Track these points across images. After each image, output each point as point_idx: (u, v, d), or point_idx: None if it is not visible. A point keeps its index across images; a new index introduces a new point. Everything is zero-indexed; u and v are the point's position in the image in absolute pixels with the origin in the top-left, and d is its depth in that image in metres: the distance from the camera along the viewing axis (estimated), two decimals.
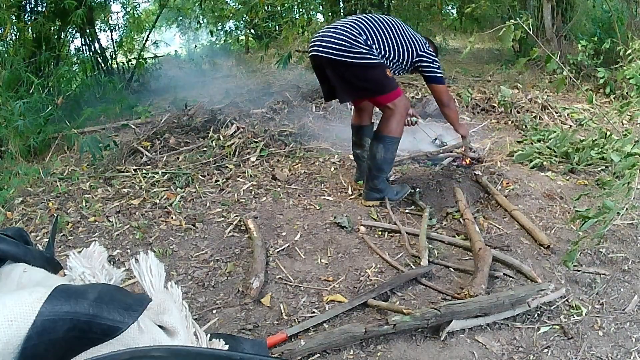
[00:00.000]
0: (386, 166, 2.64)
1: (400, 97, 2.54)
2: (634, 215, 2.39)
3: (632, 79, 3.10)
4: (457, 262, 2.19)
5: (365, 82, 2.50)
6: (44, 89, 4.11)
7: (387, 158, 2.61)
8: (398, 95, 2.53)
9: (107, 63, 6.25)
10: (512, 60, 6.26)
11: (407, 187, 2.77)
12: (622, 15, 5.31)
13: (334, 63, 2.45)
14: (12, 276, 1.00)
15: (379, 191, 2.67)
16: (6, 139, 3.52)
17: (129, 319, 0.85)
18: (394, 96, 2.52)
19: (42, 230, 2.62)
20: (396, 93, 2.53)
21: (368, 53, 2.42)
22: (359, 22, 2.49)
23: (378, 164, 2.61)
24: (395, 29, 2.56)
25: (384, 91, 2.52)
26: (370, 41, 2.45)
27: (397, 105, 2.53)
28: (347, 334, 1.63)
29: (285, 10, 6.25)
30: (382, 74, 2.49)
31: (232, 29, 9.23)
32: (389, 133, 2.58)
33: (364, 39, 2.42)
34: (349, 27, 2.46)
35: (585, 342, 1.67)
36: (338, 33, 2.44)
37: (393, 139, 2.59)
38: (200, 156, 3.45)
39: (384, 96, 2.53)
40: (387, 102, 2.53)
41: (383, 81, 2.50)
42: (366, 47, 2.42)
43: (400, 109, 2.55)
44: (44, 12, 4.75)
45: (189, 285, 2.06)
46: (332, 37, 2.43)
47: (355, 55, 2.40)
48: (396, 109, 2.54)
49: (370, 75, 2.47)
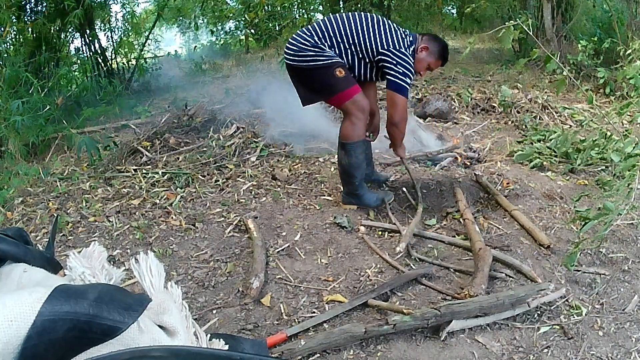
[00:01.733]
0: (355, 171, 2.54)
1: (352, 98, 2.39)
2: (634, 215, 2.38)
3: (632, 79, 3.10)
4: (457, 262, 2.19)
5: (314, 84, 2.44)
6: (44, 89, 4.11)
7: (352, 163, 2.51)
8: (349, 96, 2.39)
9: (107, 63, 6.25)
10: (512, 61, 6.26)
11: (391, 195, 2.70)
12: (622, 15, 5.31)
13: (289, 68, 2.47)
14: (12, 276, 1.00)
15: (355, 196, 2.62)
16: (6, 139, 3.52)
17: (129, 319, 0.85)
18: (344, 97, 2.40)
19: (42, 230, 2.62)
20: (347, 94, 2.39)
21: (315, 55, 2.35)
22: (316, 24, 2.45)
23: (345, 170, 2.57)
24: (355, 24, 2.39)
25: (332, 92, 2.42)
26: (321, 41, 2.37)
27: (350, 108, 2.42)
28: (347, 334, 1.63)
29: (285, 9, 6.25)
30: (330, 75, 2.35)
31: (232, 29, 9.23)
32: (344, 138, 2.50)
33: (313, 41, 2.36)
34: (304, 31, 2.43)
35: (585, 342, 1.67)
36: (293, 38, 2.43)
37: (349, 144, 2.48)
38: (200, 156, 3.44)
39: (334, 98, 2.45)
40: (340, 104, 2.46)
41: (330, 82, 2.37)
42: (314, 49, 2.35)
43: (353, 111, 2.42)
44: (44, 12, 4.75)
45: (189, 285, 2.06)
46: (290, 43, 2.43)
47: (302, 58, 2.37)
48: (349, 111, 2.44)
49: (317, 76, 2.40)
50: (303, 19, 6.34)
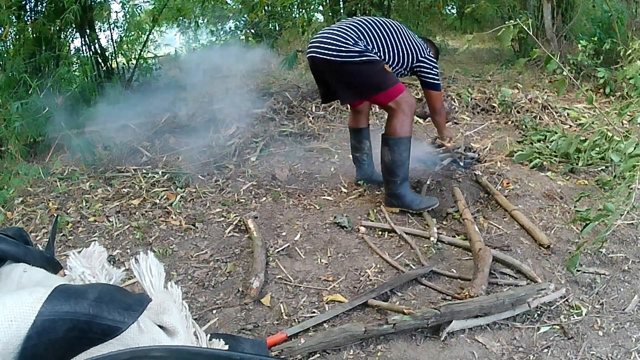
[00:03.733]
0: (398, 169, 2.51)
1: (401, 94, 2.43)
2: (634, 215, 2.39)
3: (632, 79, 3.10)
4: (457, 262, 2.19)
5: (362, 79, 2.42)
6: (44, 89, 4.10)
7: (397, 161, 2.50)
8: (399, 92, 2.42)
9: (107, 63, 6.24)
10: (512, 60, 6.25)
11: (435, 200, 2.60)
12: (622, 15, 5.31)
13: (330, 64, 2.39)
14: (12, 276, 1.00)
15: (397, 197, 2.56)
16: (6, 139, 3.52)
17: (129, 319, 0.85)
18: (394, 93, 2.42)
19: (42, 230, 2.62)
20: (396, 90, 2.42)
21: (365, 51, 2.35)
22: (359, 26, 2.43)
23: (388, 168, 2.54)
24: (396, 34, 2.49)
25: (382, 87, 2.42)
26: (370, 47, 2.40)
27: (399, 103, 2.43)
28: (347, 333, 1.63)
29: (285, 9, 6.25)
30: (379, 69, 2.38)
31: (232, 29, 9.22)
32: (393, 134, 2.48)
33: (363, 44, 2.37)
34: (348, 29, 2.40)
35: (585, 342, 1.67)
36: (335, 34, 2.39)
37: (398, 140, 2.47)
38: (200, 156, 3.45)
39: (383, 94, 2.43)
40: (388, 101, 2.44)
41: (380, 77, 2.39)
42: (362, 47, 2.36)
43: (402, 106, 2.43)
44: (44, 12, 4.74)
45: (189, 285, 2.06)
46: (329, 39, 2.39)
47: (349, 54, 2.34)
48: (398, 108, 2.44)
49: (365, 71, 2.38)
50: (303, 19, 6.34)
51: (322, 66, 2.45)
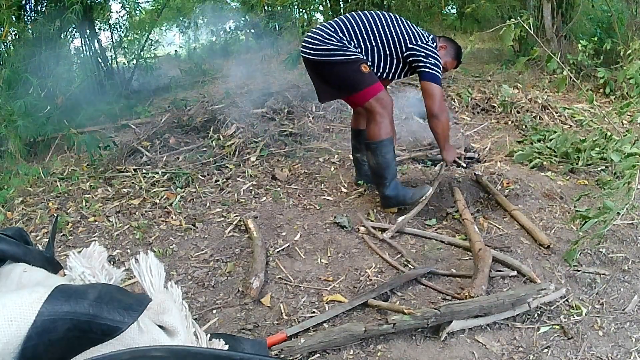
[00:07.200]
0: (385, 172, 2.48)
1: (376, 95, 2.36)
2: (634, 215, 2.39)
3: (632, 79, 3.10)
4: (457, 262, 2.19)
5: (337, 79, 2.39)
6: (44, 89, 4.11)
7: (382, 163, 2.46)
8: (374, 93, 2.35)
9: (107, 63, 6.24)
10: (512, 60, 6.25)
11: (427, 188, 2.56)
12: (622, 15, 5.31)
13: (310, 62, 2.42)
14: (12, 276, 1.00)
15: (390, 198, 2.54)
16: (6, 139, 3.52)
17: (129, 319, 0.85)
18: (368, 94, 2.35)
19: (42, 230, 2.62)
20: (371, 90, 2.34)
21: (340, 49, 2.32)
22: (339, 20, 2.43)
23: (375, 172, 2.53)
24: (380, 22, 2.41)
25: (356, 88, 2.36)
26: (346, 38, 2.36)
27: (374, 105, 2.37)
28: (347, 333, 1.63)
29: (285, 10, 6.24)
30: (355, 69, 2.32)
31: (232, 29, 9.21)
32: (372, 138, 2.44)
33: (338, 37, 2.35)
34: (326, 25, 2.41)
35: (585, 342, 1.67)
36: (317, 32, 2.40)
37: (379, 143, 2.42)
38: (200, 156, 3.44)
39: (358, 95, 2.39)
40: (363, 102, 2.39)
41: (356, 77, 2.33)
42: (339, 44, 2.33)
43: (377, 108, 2.37)
44: (44, 12, 4.74)
45: (189, 285, 2.06)
46: (312, 37, 2.40)
47: (325, 53, 2.33)
48: (373, 109, 2.38)
49: (341, 72, 2.35)
50: (303, 19, 6.33)
51: (307, 64, 2.48)
